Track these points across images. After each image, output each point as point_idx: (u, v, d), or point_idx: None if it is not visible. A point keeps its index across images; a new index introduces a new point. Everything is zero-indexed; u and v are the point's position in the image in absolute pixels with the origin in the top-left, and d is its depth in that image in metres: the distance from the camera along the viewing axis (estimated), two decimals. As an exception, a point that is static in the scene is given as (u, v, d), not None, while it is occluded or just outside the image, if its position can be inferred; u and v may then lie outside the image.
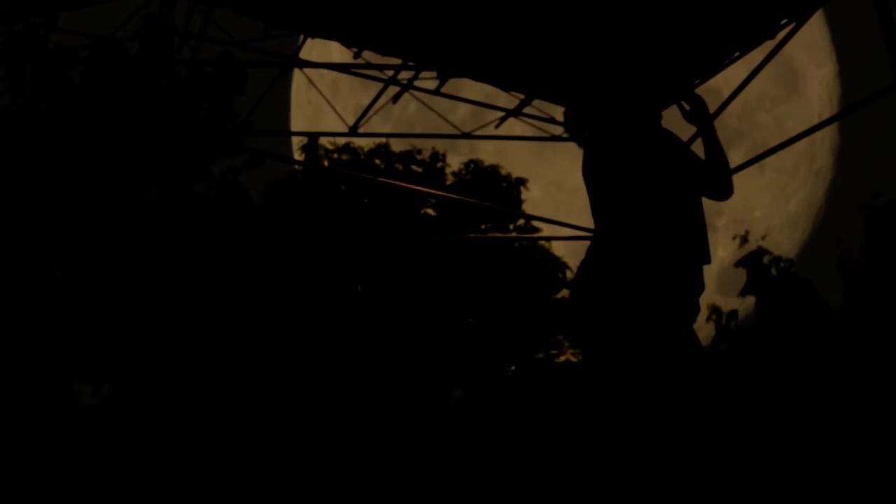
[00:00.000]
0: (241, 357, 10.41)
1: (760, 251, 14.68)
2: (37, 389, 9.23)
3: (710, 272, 4.47)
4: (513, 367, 15.79)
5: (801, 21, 9.31)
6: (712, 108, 8.05)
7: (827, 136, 33.27)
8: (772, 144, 9.11)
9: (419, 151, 18.03)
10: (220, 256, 10.77)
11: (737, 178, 5.08)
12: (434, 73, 10.92)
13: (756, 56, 10.17)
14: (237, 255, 11.08)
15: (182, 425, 8.88)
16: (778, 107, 34.86)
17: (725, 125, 32.85)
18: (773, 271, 13.63)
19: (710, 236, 4.57)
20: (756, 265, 14.59)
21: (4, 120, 9.93)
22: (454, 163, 18.47)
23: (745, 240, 15.50)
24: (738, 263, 15.51)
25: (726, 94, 10.30)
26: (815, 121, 9.62)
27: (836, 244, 13.63)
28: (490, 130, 11.88)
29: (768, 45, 9.84)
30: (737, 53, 10.26)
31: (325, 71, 11.64)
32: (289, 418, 8.66)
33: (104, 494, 8.11)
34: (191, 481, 8.20)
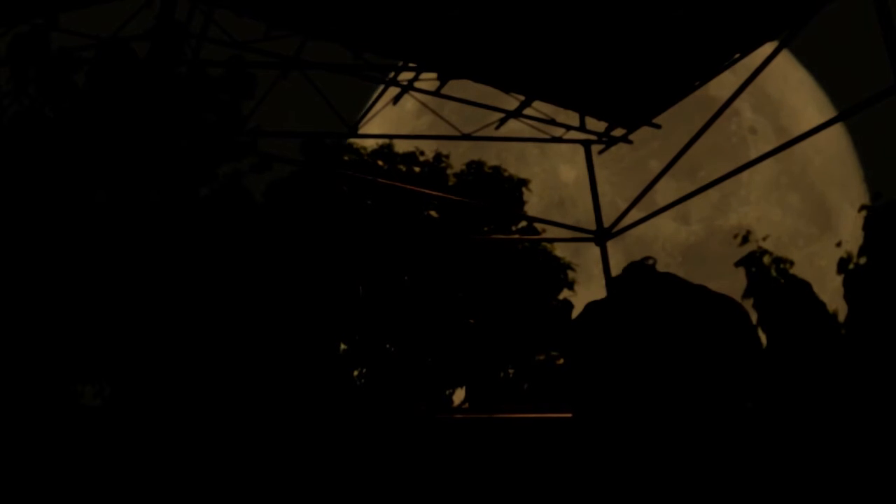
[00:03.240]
0: (242, 358, 10.44)
1: (761, 251, 14.61)
2: (39, 390, 9.27)
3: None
4: (512, 370, 15.79)
5: (798, 26, 9.31)
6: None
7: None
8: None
9: (422, 153, 18.03)
10: (222, 258, 10.80)
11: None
12: (434, 75, 10.95)
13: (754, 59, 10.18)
14: (239, 258, 11.10)
15: (183, 426, 8.90)
16: (811, 245, 34.56)
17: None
18: (774, 272, 13.59)
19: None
20: (756, 266, 14.54)
21: (10, 124, 9.97)
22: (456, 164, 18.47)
23: (745, 239, 15.43)
24: (738, 263, 15.44)
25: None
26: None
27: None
28: (490, 131, 11.90)
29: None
30: (737, 55, 10.28)
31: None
32: (287, 418, 8.68)
33: (105, 494, 8.14)
34: (191, 481, 8.22)
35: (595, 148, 12.37)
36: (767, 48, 9.82)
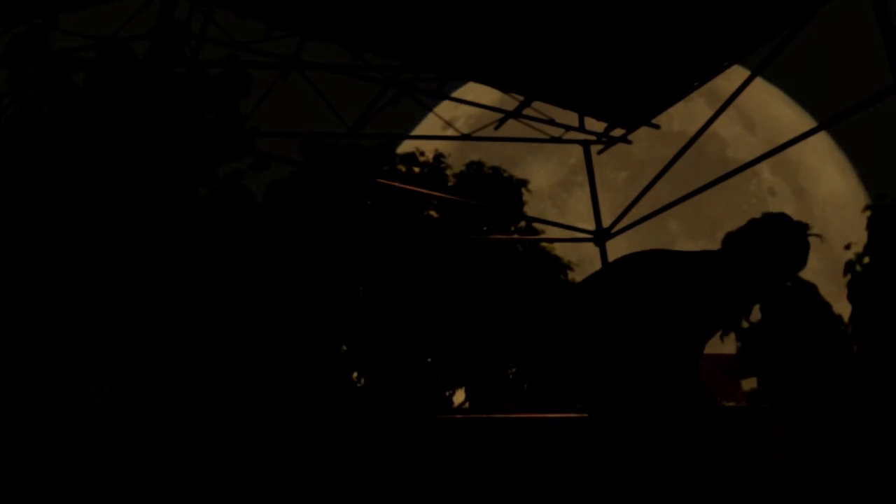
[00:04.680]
0: (242, 359, 10.44)
1: None
2: (39, 391, 9.26)
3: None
4: (513, 370, 15.79)
5: (797, 27, 9.31)
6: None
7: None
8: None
9: (422, 153, 18.02)
10: (222, 259, 10.80)
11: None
12: (434, 75, 10.94)
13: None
14: (239, 258, 11.10)
15: (184, 426, 8.90)
16: (830, 302, 35.29)
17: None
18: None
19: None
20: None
21: (9, 124, 9.96)
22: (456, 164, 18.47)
23: None
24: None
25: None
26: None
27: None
28: (490, 132, 11.90)
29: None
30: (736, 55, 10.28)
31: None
32: (287, 418, 8.68)
33: (106, 494, 8.13)
34: (190, 481, 8.22)
35: (594, 148, 12.37)
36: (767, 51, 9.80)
